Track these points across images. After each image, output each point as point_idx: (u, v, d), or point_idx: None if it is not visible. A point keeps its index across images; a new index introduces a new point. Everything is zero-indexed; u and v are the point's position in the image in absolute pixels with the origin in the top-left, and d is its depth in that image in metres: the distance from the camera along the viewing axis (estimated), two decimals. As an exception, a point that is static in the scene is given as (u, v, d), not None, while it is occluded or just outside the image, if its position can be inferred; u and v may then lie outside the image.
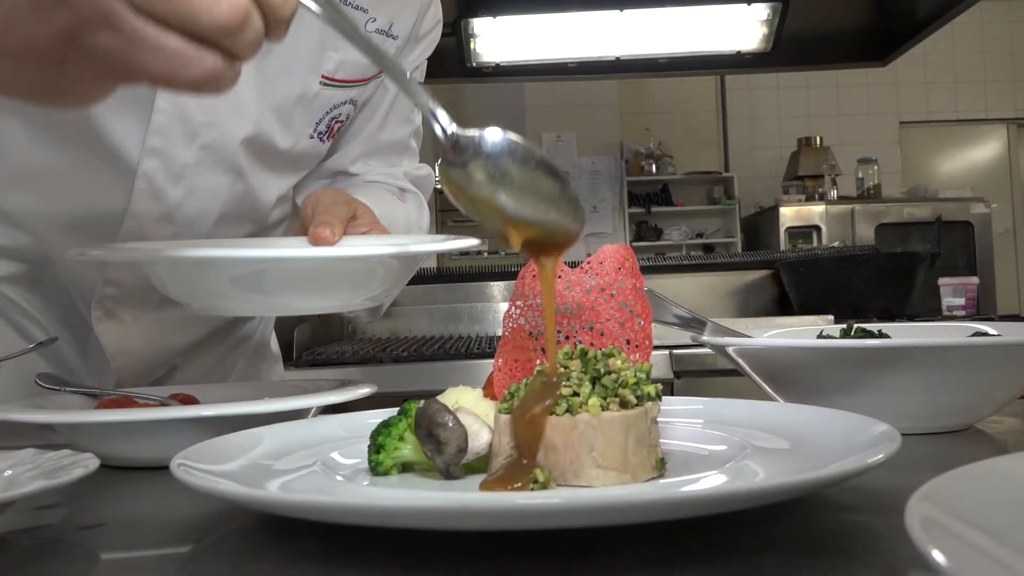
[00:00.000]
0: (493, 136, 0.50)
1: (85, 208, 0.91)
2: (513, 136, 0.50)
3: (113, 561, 0.47)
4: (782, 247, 5.93)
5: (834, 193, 6.29)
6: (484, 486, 0.50)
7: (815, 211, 6.04)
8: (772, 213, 6.27)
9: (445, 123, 0.51)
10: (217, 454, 0.54)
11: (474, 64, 2.91)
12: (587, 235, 6.76)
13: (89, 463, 0.51)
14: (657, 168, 6.95)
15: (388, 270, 0.75)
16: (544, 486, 0.48)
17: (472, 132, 0.50)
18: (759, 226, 6.67)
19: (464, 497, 0.45)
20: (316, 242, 0.79)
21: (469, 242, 0.77)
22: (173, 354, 1.05)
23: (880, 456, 0.43)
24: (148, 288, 0.87)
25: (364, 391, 0.78)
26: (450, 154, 0.50)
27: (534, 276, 0.60)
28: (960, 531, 0.26)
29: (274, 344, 1.25)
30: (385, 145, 1.10)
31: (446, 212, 6.15)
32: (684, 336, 0.82)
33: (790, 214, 6.13)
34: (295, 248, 0.79)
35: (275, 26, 0.47)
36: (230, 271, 0.69)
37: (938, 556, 0.23)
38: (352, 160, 1.10)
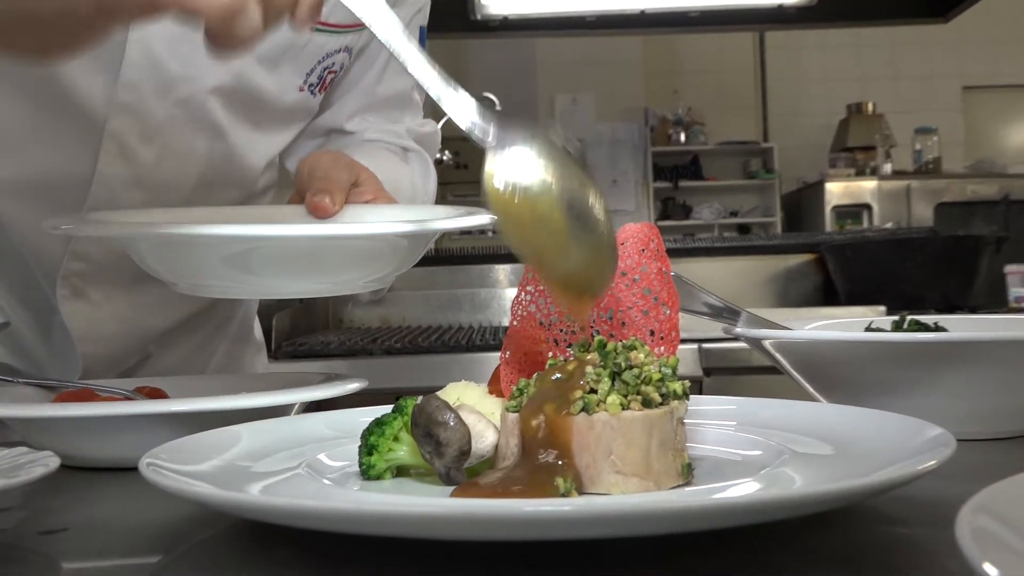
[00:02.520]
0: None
1: (48, 172, 0.92)
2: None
3: (76, 570, 0.48)
4: (828, 228, 5.92)
5: (888, 167, 6.28)
6: (460, 491, 0.51)
7: (866, 187, 6.03)
8: (817, 189, 6.26)
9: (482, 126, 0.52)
10: (190, 454, 0.55)
11: (479, 17, 2.90)
12: (606, 212, 6.76)
13: (49, 462, 0.52)
14: (686, 137, 6.93)
15: (398, 248, 0.75)
16: (566, 495, 0.49)
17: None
18: (802, 204, 6.66)
19: (466, 504, 0.46)
20: (315, 212, 0.79)
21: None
22: (147, 339, 1.06)
23: (932, 463, 0.43)
24: (120, 263, 0.88)
25: (353, 386, 0.78)
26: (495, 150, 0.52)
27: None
28: (1016, 544, 0.27)
29: (257, 330, 1.26)
30: (384, 99, 1.10)
31: (446, 185, 6.15)
32: (715, 328, 0.83)
33: (837, 191, 6.12)
34: (298, 225, 0.78)
35: None
36: (224, 249, 0.69)
37: (991, 571, 0.24)
38: (348, 116, 1.10)
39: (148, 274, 0.75)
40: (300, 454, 0.59)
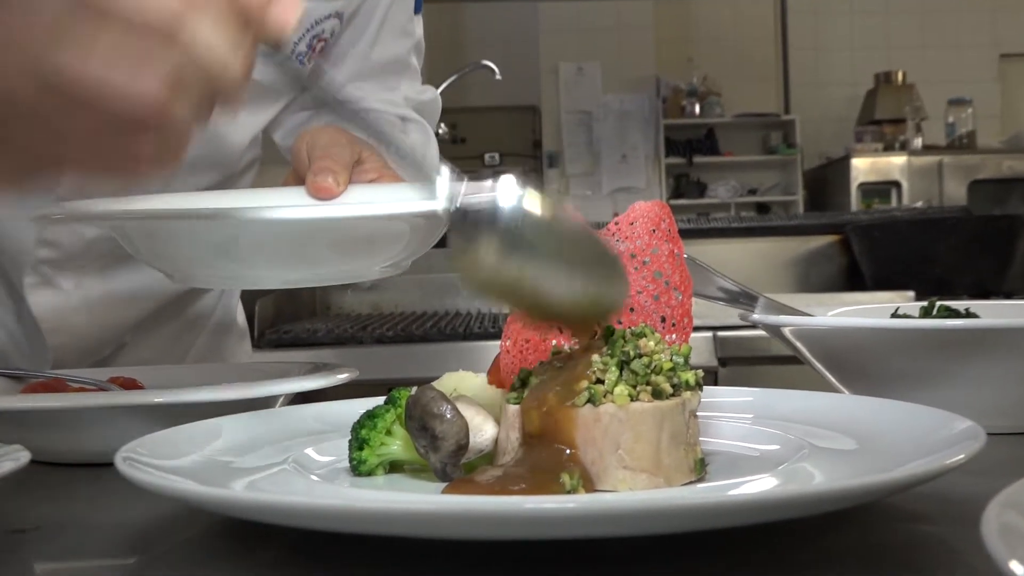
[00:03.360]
0: (509, 198, 0.51)
1: None
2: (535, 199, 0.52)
3: (47, 571, 0.48)
4: (853, 207, 5.92)
5: (918, 142, 6.26)
6: (452, 488, 0.51)
7: (894, 163, 6.02)
8: (842, 166, 6.25)
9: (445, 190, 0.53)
10: (169, 448, 0.55)
11: (477, -21, 2.89)
12: (614, 191, 6.76)
13: (19, 456, 0.52)
14: (701, 109, 6.92)
15: (416, 229, 0.74)
16: (573, 492, 0.49)
17: (482, 196, 0.52)
18: (826, 181, 6.65)
19: (464, 501, 0.47)
20: (317, 193, 0.78)
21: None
22: (122, 329, 1.06)
23: (960, 457, 0.44)
24: (90, 249, 0.88)
25: (343, 377, 0.79)
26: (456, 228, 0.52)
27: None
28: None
29: (241, 317, 1.26)
30: (380, 65, 1.09)
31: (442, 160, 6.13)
32: (731, 314, 0.83)
33: (864, 167, 6.11)
34: (307, 207, 0.77)
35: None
36: (223, 233, 0.68)
37: (1017, 569, 0.24)
38: (341, 85, 1.09)
39: (121, 261, 0.75)
40: (286, 449, 0.60)
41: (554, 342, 0.60)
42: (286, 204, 0.76)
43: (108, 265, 0.97)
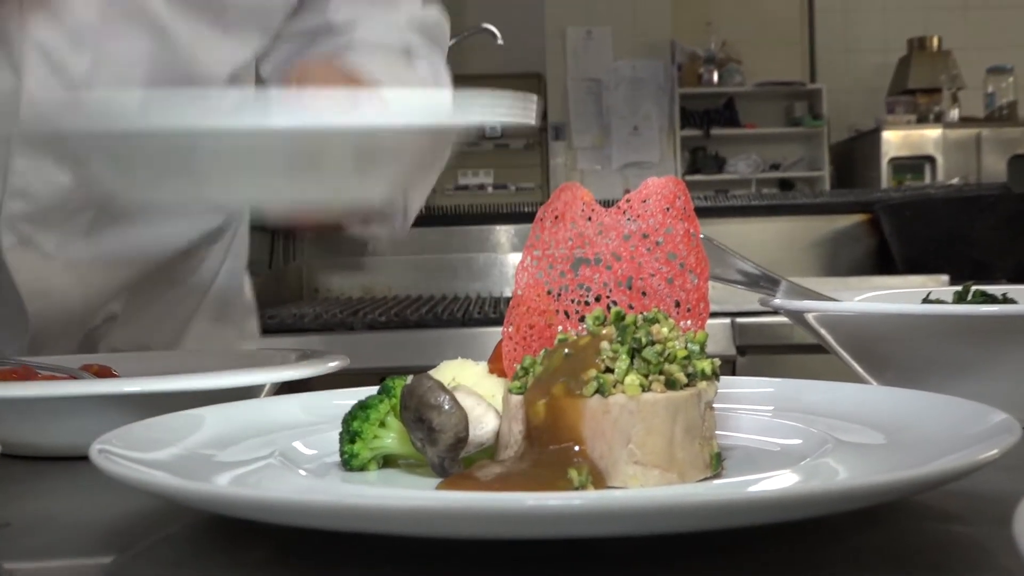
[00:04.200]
0: None
1: None
2: None
3: (19, 571, 0.48)
4: (884, 184, 5.91)
5: (955, 113, 6.25)
6: (440, 484, 0.51)
7: (929, 137, 6.01)
8: (872, 139, 6.24)
9: None
10: (147, 440, 0.56)
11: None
12: (626, 165, 6.75)
13: (-13, 448, 0.53)
14: (720, 77, 6.90)
15: (418, 145, 0.72)
16: (581, 489, 0.50)
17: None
18: (854, 156, 6.64)
19: (463, 497, 0.47)
20: None
21: (526, 119, 0.71)
22: (109, 296, 1.06)
23: (993, 452, 0.44)
24: (69, 202, 0.88)
25: (333, 365, 0.79)
26: None
27: (556, 218, 0.61)
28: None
29: (248, 292, 1.25)
30: None
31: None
32: (751, 299, 0.83)
33: (896, 140, 6.10)
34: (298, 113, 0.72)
35: None
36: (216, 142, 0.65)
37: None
38: (335, 8, 1.07)
39: (107, 221, 0.74)
40: (272, 442, 0.60)
41: (560, 328, 0.61)
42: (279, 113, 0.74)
43: (94, 225, 0.97)
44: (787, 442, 0.59)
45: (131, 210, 0.98)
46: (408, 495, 0.51)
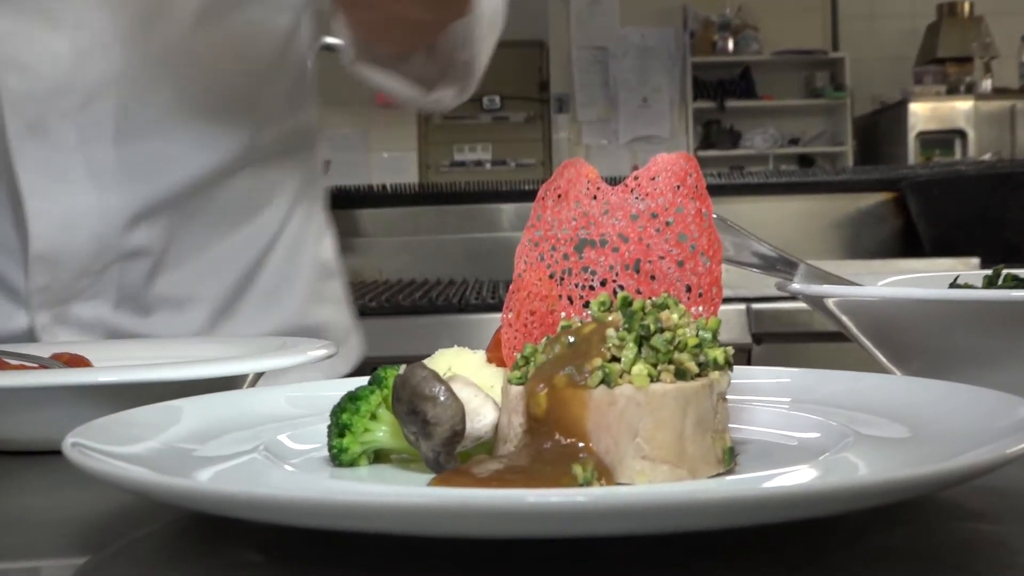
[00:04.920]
0: None
1: None
2: None
3: (-13, 573, 0.49)
4: (911, 160, 5.91)
5: (987, 84, 6.24)
6: (433, 480, 0.52)
7: (959, 109, 6.00)
8: (898, 112, 6.23)
9: None
10: (123, 433, 0.56)
11: None
12: (633, 140, 6.74)
13: (-47, 442, 0.53)
14: (736, 45, 6.89)
15: None
16: (587, 486, 0.50)
17: None
18: (879, 130, 6.64)
19: (458, 494, 0.47)
20: None
21: None
22: (140, 217, 1.03)
23: (1023, 446, 0.44)
24: (85, 74, 0.90)
25: (320, 353, 0.79)
26: None
27: (558, 197, 0.62)
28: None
29: (329, 248, 1.23)
30: None
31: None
32: (768, 283, 0.83)
33: (923, 113, 6.09)
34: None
35: None
36: None
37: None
38: None
39: (134, 116, 0.74)
40: (256, 435, 0.60)
41: (563, 314, 0.61)
42: None
43: (119, 126, 0.97)
44: (805, 436, 0.59)
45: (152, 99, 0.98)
46: (401, 492, 0.51)
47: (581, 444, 0.52)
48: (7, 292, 1.04)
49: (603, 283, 0.61)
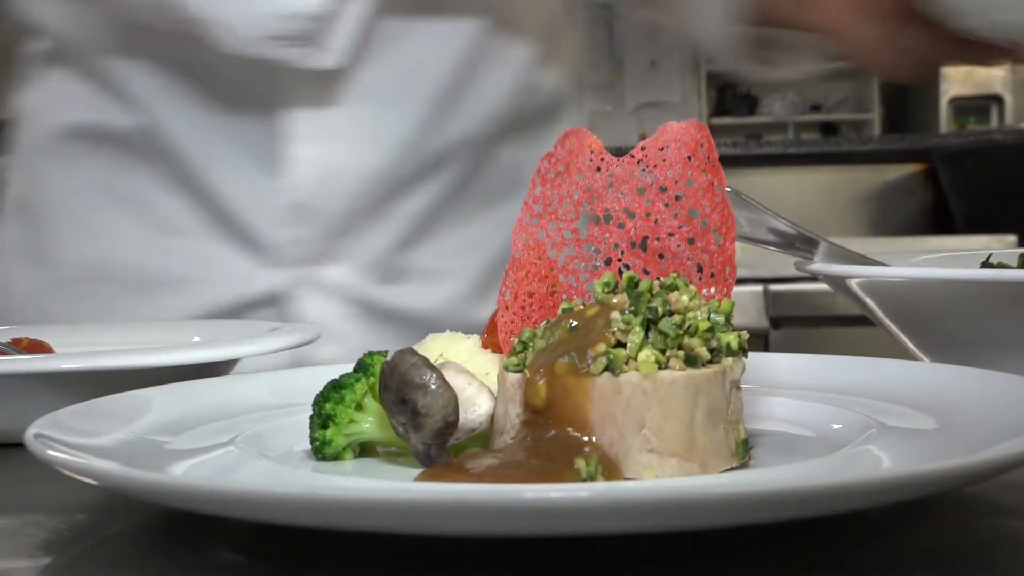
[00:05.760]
0: None
1: None
2: None
3: (-56, 575, 0.49)
4: (942, 129, 5.90)
5: (1027, 45, 6.22)
6: (420, 475, 0.52)
7: (995, 73, 5.98)
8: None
9: None
10: (90, 424, 0.56)
11: None
12: (641, 106, 6.72)
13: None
14: (752, 2, 6.86)
15: None
16: (590, 480, 0.50)
17: None
18: (908, 95, 6.62)
19: (450, 489, 0.47)
20: None
21: None
22: (418, 171, 1.07)
23: (1058, 438, 0.45)
24: None
25: (303, 338, 0.80)
26: None
27: (557, 174, 0.62)
28: None
29: None
30: None
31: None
32: (786, 263, 0.83)
33: (957, 77, 6.07)
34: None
35: None
36: None
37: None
38: None
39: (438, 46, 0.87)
40: (232, 427, 0.60)
41: (564, 296, 0.61)
42: None
43: (412, 76, 1.04)
44: (825, 427, 0.60)
45: None
46: (389, 487, 0.51)
47: (584, 436, 0.52)
48: (251, 249, 1.06)
49: (607, 262, 0.61)
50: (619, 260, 0.61)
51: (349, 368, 0.60)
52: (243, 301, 1.05)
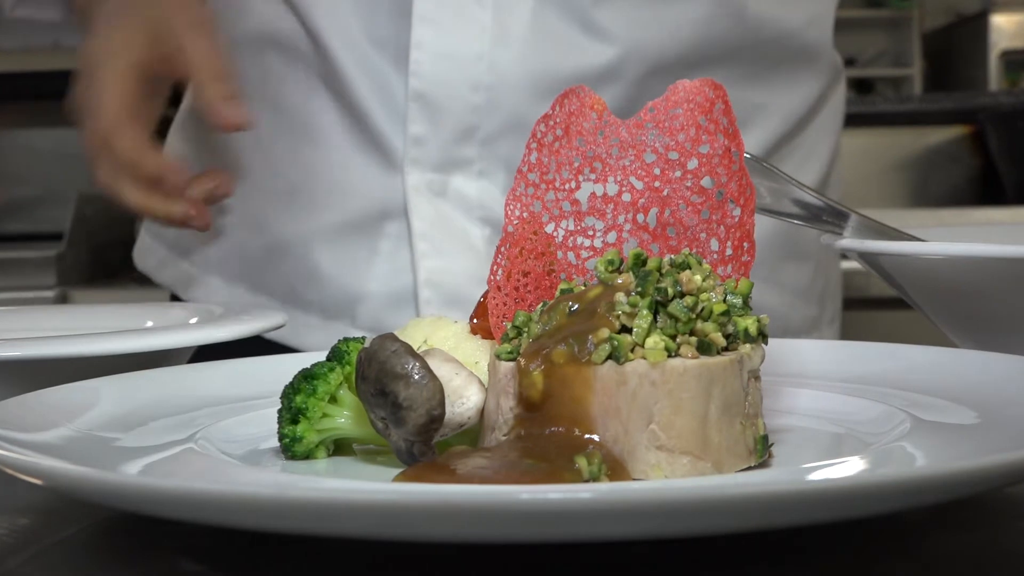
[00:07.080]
0: None
1: None
2: None
3: None
4: (992, 86, 5.89)
5: (1088, -9, 6.21)
6: (399, 476, 0.52)
7: (1053, 24, 5.97)
8: (976, 26, 6.20)
9: None
10: (32, 419, 0.57)
11: None
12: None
13: None
14: (777, -58, 6.84)
15: None
16: (593, 481, 0.50)
17: None
18: (953, 48, 6.61)
19: (435, 490, 0.47)
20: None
21: None
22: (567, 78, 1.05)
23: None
24: None
25: (271, 323, 0.80)
26: None
27: (556, 138, 0.62)
28: None
29: None
30: None
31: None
32: (812, 238, 0.84)
33: (1008, 28, 6.07)
34: None
35: None
36: None
37: None
38: None
39: None
40: (191, 422, 0.61)
41: (563, 276, 0.61)
42: None
43: None
44: (853, 421, 0.60)
45: None
46: (366, 488, 0.51)
47: (585, 433, 0.52)
48: (382, 152, 1.08)
49: (611, 238, 0.61)
50: (624, 236, 0.61)
51: (321, 357, 0.60)
52: (375, 211, 1.09)
